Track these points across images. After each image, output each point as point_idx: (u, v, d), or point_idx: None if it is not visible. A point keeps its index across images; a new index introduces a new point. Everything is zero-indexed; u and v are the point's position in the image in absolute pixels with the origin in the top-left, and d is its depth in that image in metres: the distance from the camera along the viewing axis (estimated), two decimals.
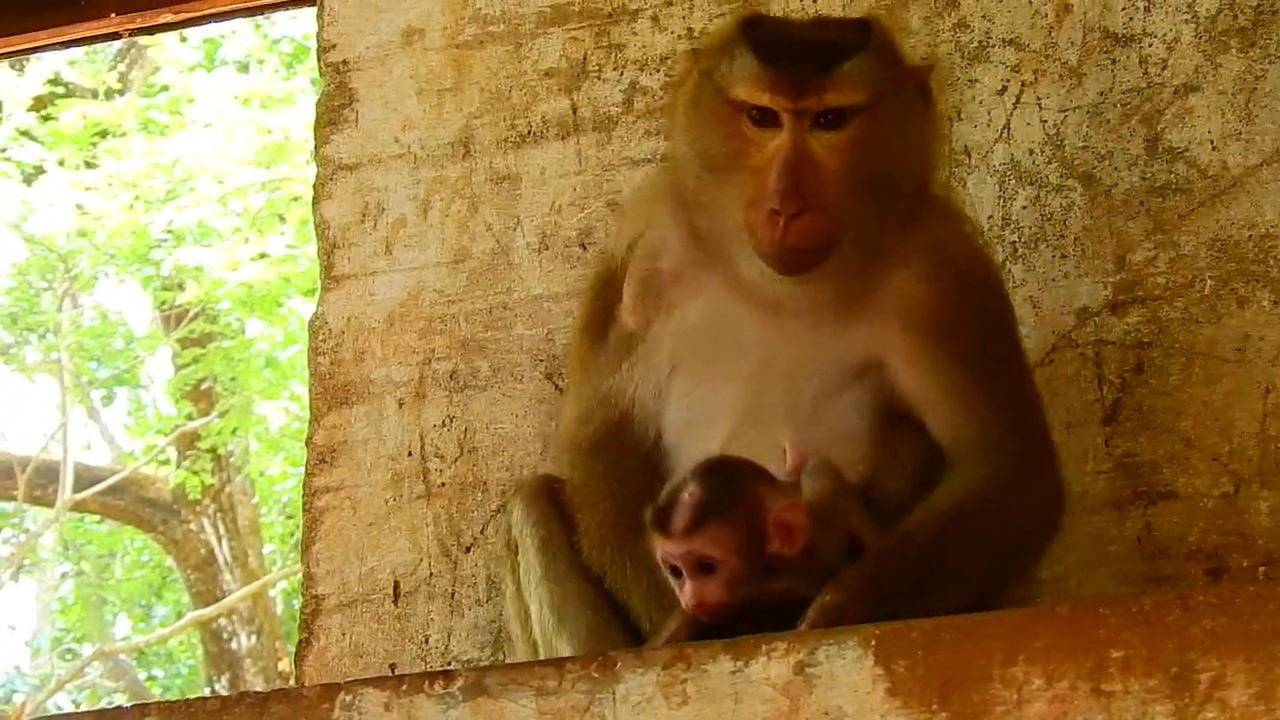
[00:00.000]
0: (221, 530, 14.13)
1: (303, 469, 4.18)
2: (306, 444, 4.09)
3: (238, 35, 13.65)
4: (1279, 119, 3.67)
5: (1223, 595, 2.84)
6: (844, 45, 3.36)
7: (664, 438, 3.47)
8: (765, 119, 3.36)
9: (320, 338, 4.09)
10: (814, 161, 3.31)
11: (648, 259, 3.48)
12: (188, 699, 3.14)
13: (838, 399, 3.44)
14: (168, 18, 4.96)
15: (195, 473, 13.96)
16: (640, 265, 3.48)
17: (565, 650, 3.43)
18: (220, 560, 14.08)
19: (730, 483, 3.21)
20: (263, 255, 12.58)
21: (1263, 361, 3.57)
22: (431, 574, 3.91)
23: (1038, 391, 3.47)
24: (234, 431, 13.89)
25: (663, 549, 3.20)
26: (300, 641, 4.00)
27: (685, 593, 3.18)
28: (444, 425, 3.92)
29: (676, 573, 3.20)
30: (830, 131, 3.32)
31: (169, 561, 15.04)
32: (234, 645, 13.99)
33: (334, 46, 4.17)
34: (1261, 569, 3.46)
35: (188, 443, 14.04)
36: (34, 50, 5.56)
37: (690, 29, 3.98)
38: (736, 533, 3.17)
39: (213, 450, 13.92)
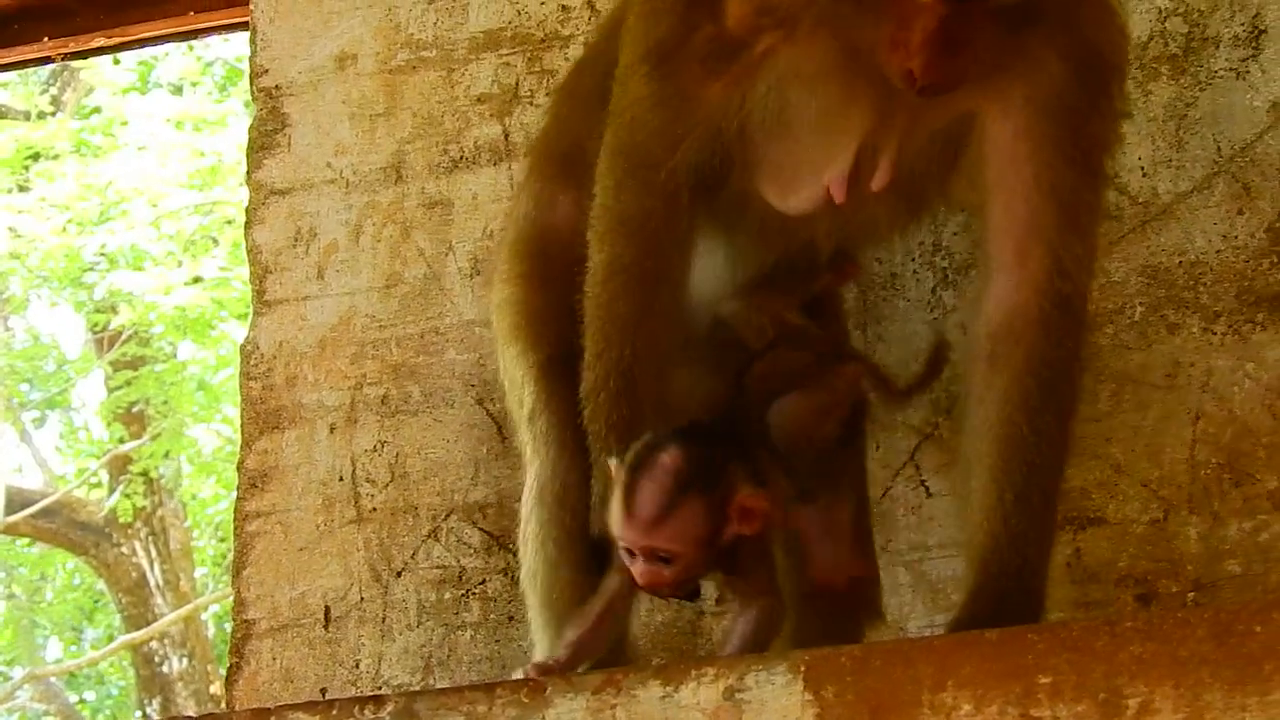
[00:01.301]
0: (153, 554, 14.08)
1: (235, 493, 4.15)
2: (238, 469, 4.08)
3: (171, 58, 13.64)
4: (1209, 146, 3.67)
5: (1151, 621, 2.85)
6: None
7: (760, 169, 3.34)
8: None
9: (252, 362, 4.08)
10: (957, 37, 3.10)
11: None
12: None
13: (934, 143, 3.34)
14: (100, 42, 4.97)
15: (127, 496, 13.90)
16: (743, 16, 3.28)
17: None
18: (152, 584, 14.04)
19: (704, 471, 3.15)
20: (196, 279, 12.55)
21: (1193, 388, 3.58)
22: (362, 599, 3.91)
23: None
24: (166, 455, 13.86)
25: (623, 535, 3.15)
26: (231, 666, 3.99)
27: (637, 572, 3.15)
28: (375, 450, 3.91)
29: (630, 553, 3.17)
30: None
31: (100, 585, 14.99)
32: (165, 669, 13.94)
33: (266, 71, 4.16)
34: (1190, 595, 3.47)
35: (120, 466, 14.00)
36: None
37: None
38: (701, 527, 3.13)
39: (145, 474, 13.88)
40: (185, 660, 13.84)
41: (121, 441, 14.02)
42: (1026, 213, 3.24)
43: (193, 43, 11.92)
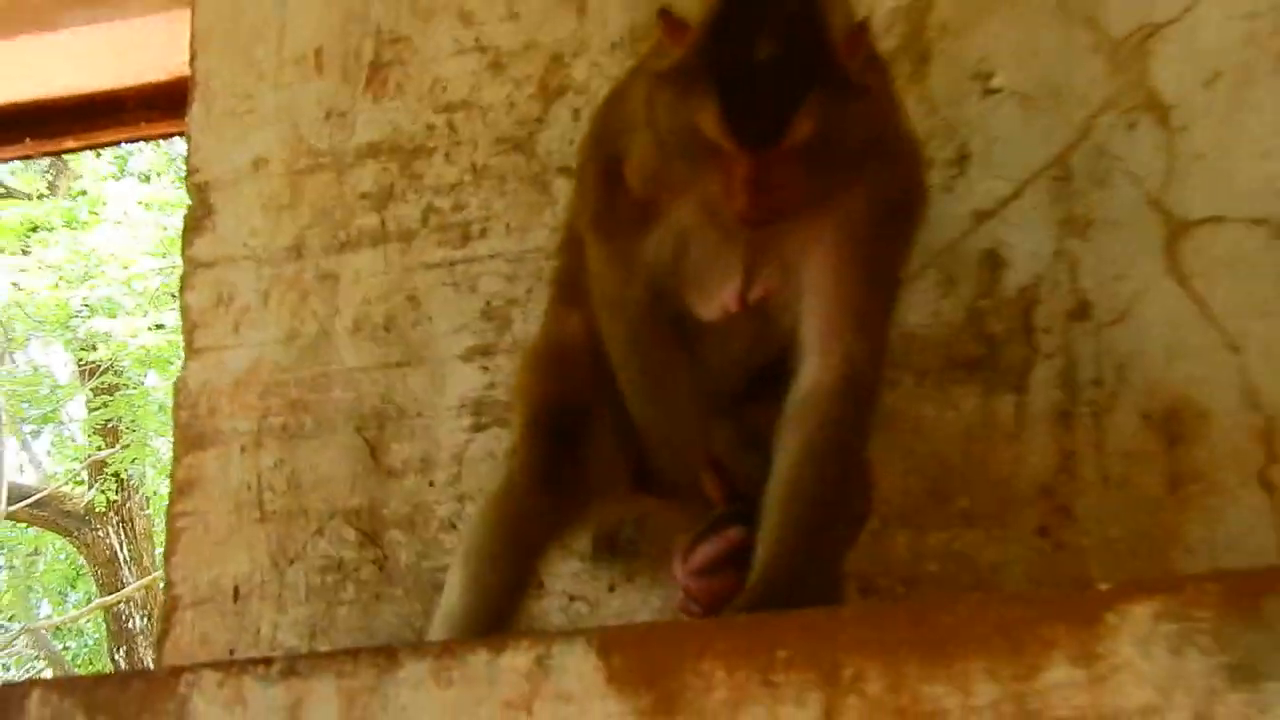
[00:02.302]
0: (122, 536, 14.03)
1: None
2: (170, 479, 4.04)
3: (142, 152, 13.60)
4: (923, 244, 3.64)
5: (865, 609, 2.86)
6: (801, 82, 3.01)
7: (682, 296, 3.31)
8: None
9: (182, 396, 4.04)
10: (771, 181, 3.03)
11: (646, 159, 3.25)
12: (68, 677, 3.11)
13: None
14: (70, 144, 4.95)
15: (103, 492, 13.87)
16: (642, 159, 3.26)
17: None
18: (121, 559, 13.98)
19: None
20: (158, 325, 12.50)
21: (906, 430, 3.58)
22: (263, 581, 3.87)
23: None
24: (134, 460, 13.82)
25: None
26: (160, 632, 3.95)
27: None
28: (276, 466, 3.87)
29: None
30: (787, 155, 3.02)
31: (81, 560, 14.90)
32: (130, 625, 13.89)
33: (198, 170, 4.12)
34: (899, 588, 3.47)
35: (98, 468, 13.95)
36: None
37: (474, 163, 3.96)
38: None
39: (117, 475, 13.84)
40: (145, 619, 13.77)
41: (99, 449, 13.95)
42: (828, 317, 3.23)
43: (147, 143, 11.90)
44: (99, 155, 12.78)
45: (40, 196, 12.93)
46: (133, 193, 12.78)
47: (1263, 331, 3.46)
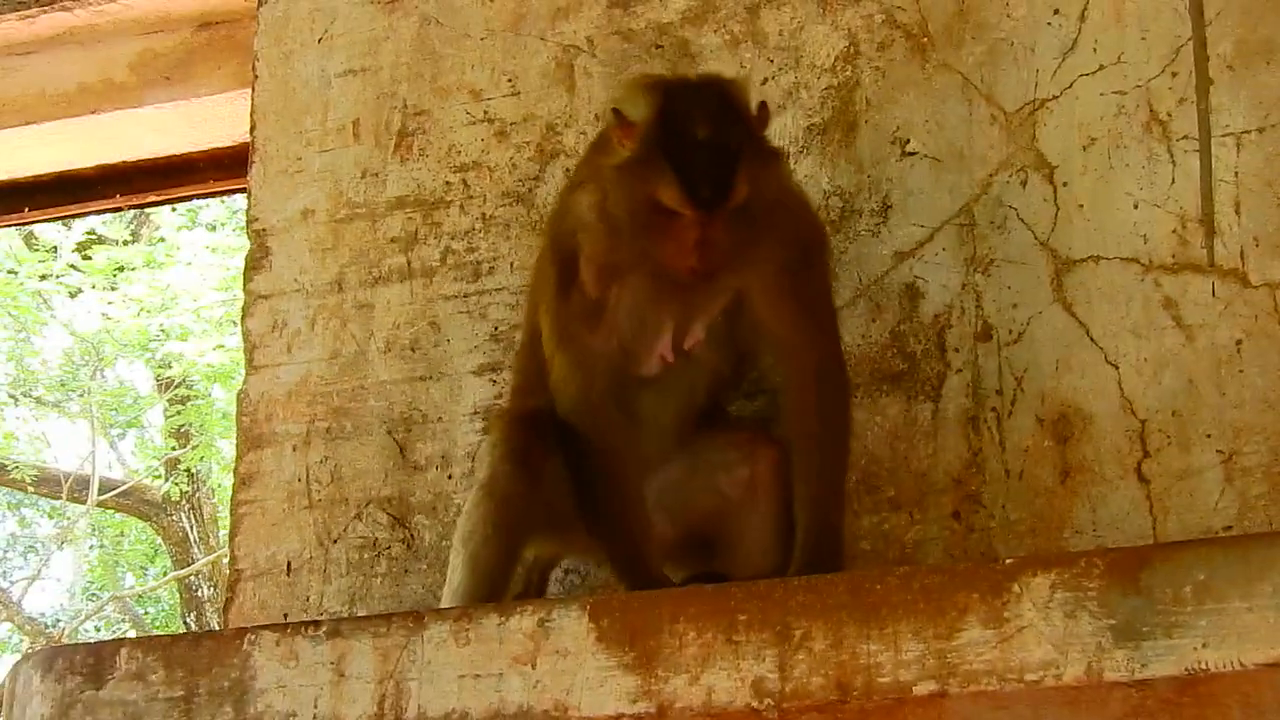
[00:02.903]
0: (193, 521, 13.98)
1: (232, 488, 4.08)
2: (234, 473, 3.99)
3: (209, 207, 13.61)
4: (854, 278, 3.70)
5: (811, 580, 2.81)
6: (735, 154, 3.10)
7: (625, 359, 3.28)
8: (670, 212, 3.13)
9: (244, 405, 3.98)
10: (715, 238, 3.08)
11: (597, 249, 3.25)
12: (150, 636, 3.08)
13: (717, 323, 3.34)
14: (152, 199, 4.93)
15: (176, 484, 13.82)
16: (593, 250, 3.25)
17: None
18: (191, 540, 13.93)
19: None
20: (221, 346, 12.47)
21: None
22: (311, 557, 3.81)
23: None
24: (202, 458, 13.74)
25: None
26: (226, 599, 3.90)
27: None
28: (321, 462, 3.82)
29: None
30: (727, 214, 3.09)
31: (159, 540, 14.87)
32: (199, 594, 13.81)
33: (257, 219, 4.07)
34: None
35: (172, 465, 13.91)
36: (73, 217, 5.56)
37: (484, 214, 3.92)
38: None
39: (188, 470, 13.77)
40: (213, 589, 13.71)
41: (174, 449, 13.91)
42: (794, 329, 3.28)
43: (222, 199, 11.92)
44: (175, 210, 12.74)
45: (126, 243, 12.87)
46: (201, 240, 12.76)
47: (1135, 350, 3.43)
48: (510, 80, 4.00)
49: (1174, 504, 3.32)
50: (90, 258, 12.67)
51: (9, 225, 5.34)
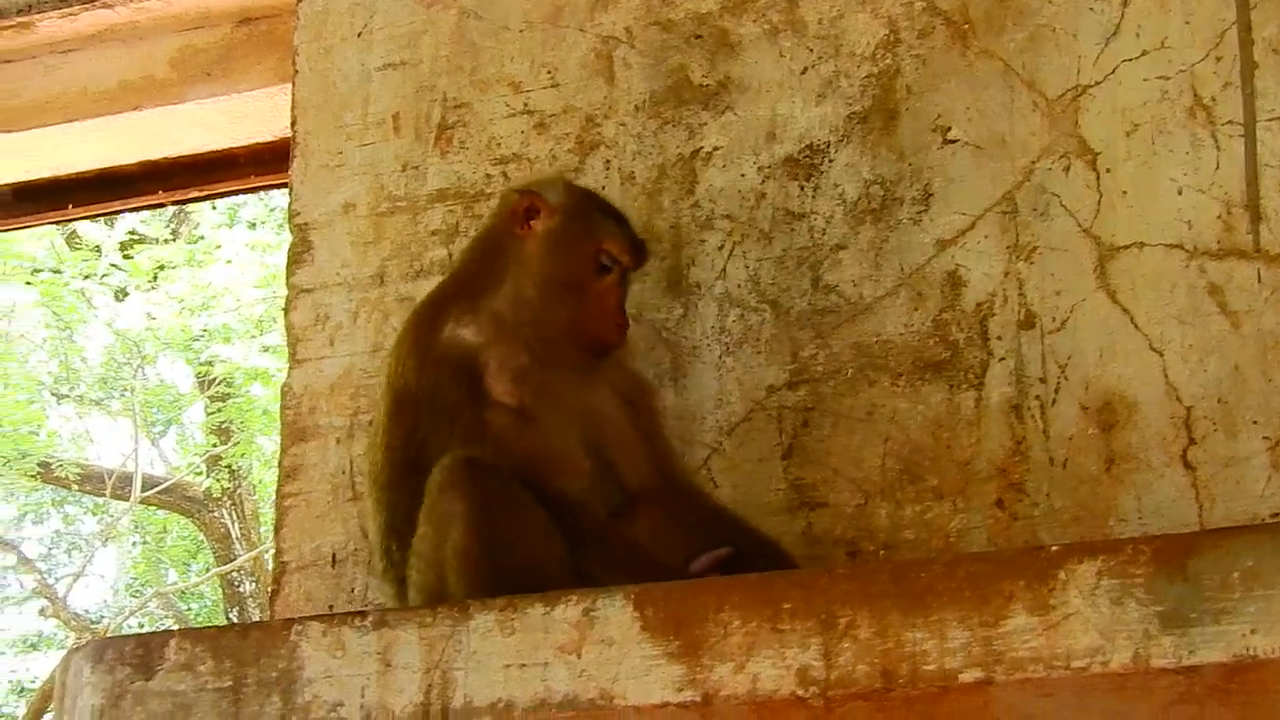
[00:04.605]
0: (234, 517, 14.08)
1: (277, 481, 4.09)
2: (278, 466, 3.99)
3: (248, 205, 13.65)
4: (896, 268, 3.64)
5: (854, 568, 2.83)
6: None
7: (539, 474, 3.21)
8: (608, 269, 3.35)
9: (288, 398, 3.98)
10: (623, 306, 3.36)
11: (506, 359, 3.28)
12: (199, 627, 3.09)
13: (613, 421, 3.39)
14: (194, 194, 4.94)
15: (218, 480, 13.90)
16: (502, 363, 3.27)
17: None
18: (233, 536, 14.03)
19: None
20: (266, 349, 12.52)
21: (884, 420, 3.53)
22: (356, 549, 3.82)
23: None
24: (243, 455, 13.82)
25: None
26: (272, 591, 3.91)
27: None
28: (364, 455, 3.82)
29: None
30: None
31: (201, 536, 14.95)
32: (241, 589, 13.92)
33: (298, 214, 4.08)
34: (881, 552, 3.42)
35: (213, 462, 13.98)
36: (118, 212, 5.59)
37: None
38: None
39: (229, 467, 13.85)
40: (254, 584, 13.78)
41: (215, 446, 13.98)
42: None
43: (260, 195, 11.95)
44: (215, 207, 12.80)
45: (166, 241, 12.92)
46: (241, 238, 12.79)
47: (1180, 337, 3.42)
48: (549, 72, 4.00)
49: (1220, 491, 3.30)
50: (132, 257, 12.73)
51: (53, 222, 5.37)
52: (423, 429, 3.26)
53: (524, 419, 3.24)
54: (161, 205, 5.18)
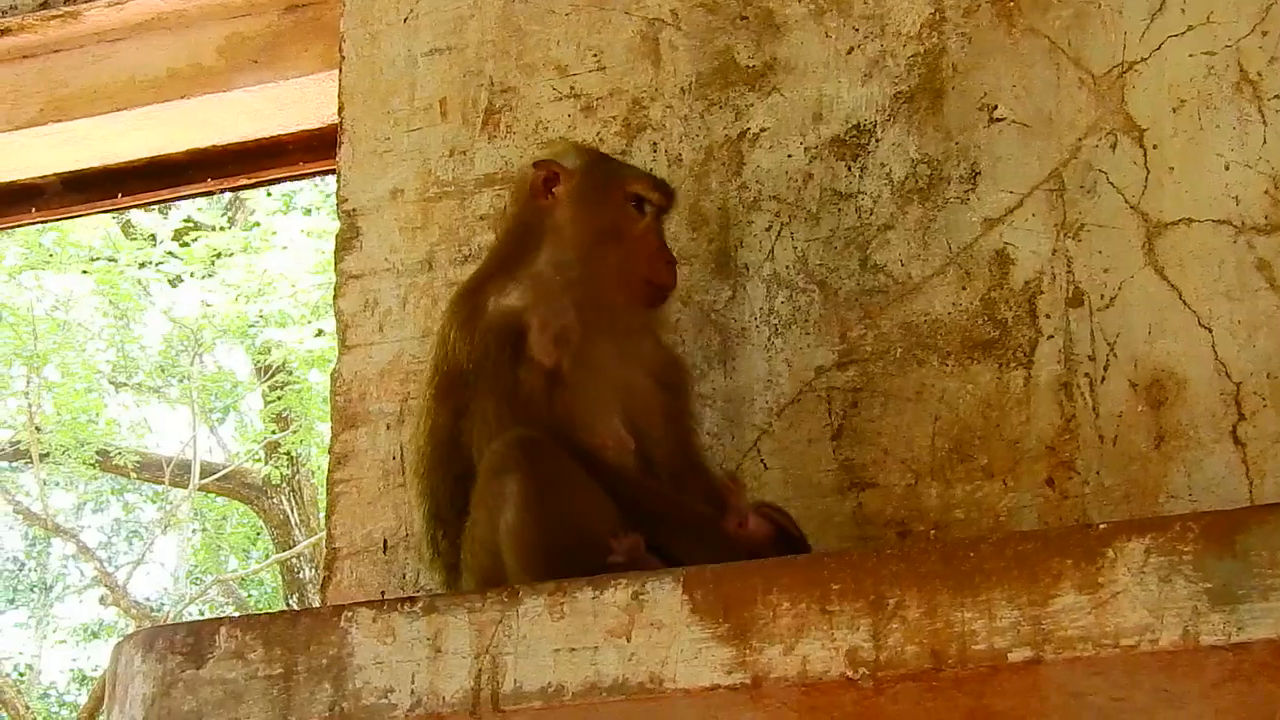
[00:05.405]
0: (293, 503, 14.12)
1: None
2: (329, 452, 4.00)
3: (304, 191, 13.70)
4: (944, 246, 3.63)
5: (903, 549, 2.82)
6: None
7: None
8: (641, 211, 3.37)
9: (338, 384, 3.99)
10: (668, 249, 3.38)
11: (548, 319, 3.25)
12: (249, 614, 3.11)
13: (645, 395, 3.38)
14: (244, 181, 4.95)
15: (276, 467, 13.95)
16: (544, 323, 3.24)
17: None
18: (292, 522, 14.07)
19: None
20: (319, 332, 12.53)
21: (933, 400, 3.52)
22: (407, 535, 3.82)
23: None
24: (301, 442, 13.87)
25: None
26: (324, 578, 3.92)
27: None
28: (409, 444, 3.84)
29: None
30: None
31: (260, 523, 15.04)
32: (301, 576, 13.94)
33: (346, 200, 4.09)
34: (931, 532, 3.41)
35: (272, 449, 14.03)
36: (167, 201, 5.59)
37: None
38: None
39: (288, 454, 13.90)
40: (314, 570, 13.84)
41: (273, 433, 14.03)
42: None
43: (315, 181, 11.98)
44: (269, 194, 12.83)
45: (222, 229, 12.96)
46: (297, 224, 12.82)
47: (1228, 312, 3.41)
48: (595, 55, 4.00)
49: (1271, 467, 3.29)
50: (188, 244, 12.78)
51: (104, 210, 5.39)
52: (466, 404, 3.24)
53: (557, 382, 3.20)
54: (210, 193, 5.21)
